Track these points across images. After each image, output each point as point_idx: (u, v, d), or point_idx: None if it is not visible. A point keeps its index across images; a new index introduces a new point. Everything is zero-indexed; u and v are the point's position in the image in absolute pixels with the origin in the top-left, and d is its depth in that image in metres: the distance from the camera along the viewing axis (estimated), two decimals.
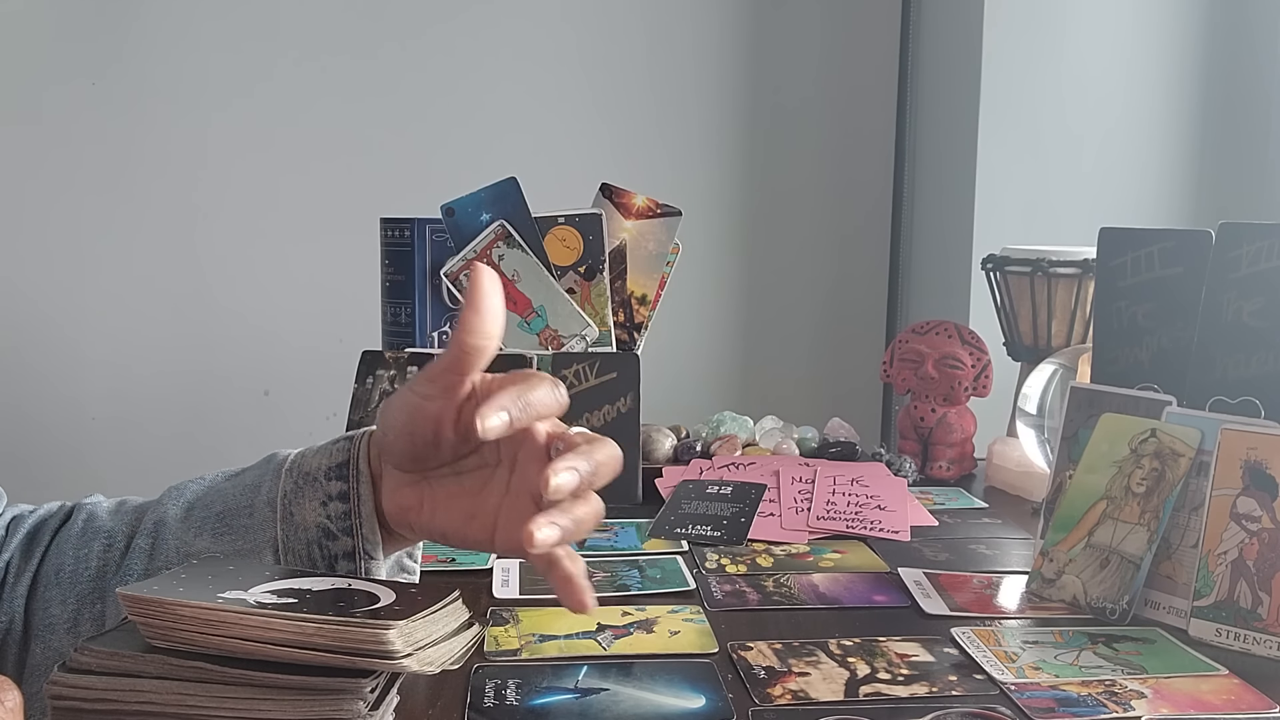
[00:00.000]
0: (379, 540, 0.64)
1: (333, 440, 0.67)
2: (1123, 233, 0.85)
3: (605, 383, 1.03)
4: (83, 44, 1.84)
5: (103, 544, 0.68)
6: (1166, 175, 1.66)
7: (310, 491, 0.65)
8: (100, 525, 0.69)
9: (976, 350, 1.15)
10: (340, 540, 0.64)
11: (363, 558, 0.64)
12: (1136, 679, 0.65)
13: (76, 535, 0.69)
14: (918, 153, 1.92)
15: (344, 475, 0.64)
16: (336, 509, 0.64)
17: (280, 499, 0.65)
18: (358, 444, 0.66)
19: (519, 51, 1.90)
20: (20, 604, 0.67)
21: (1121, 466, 0.78)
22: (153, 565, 0.66)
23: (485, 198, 1.08)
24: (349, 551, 0.64)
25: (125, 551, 0.68)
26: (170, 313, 1.90)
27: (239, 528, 0.66)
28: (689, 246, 1.19)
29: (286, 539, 0.65)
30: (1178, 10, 1.64)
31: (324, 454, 0.66)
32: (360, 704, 0.51)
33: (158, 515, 0.68)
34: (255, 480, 0.67)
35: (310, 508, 0.64)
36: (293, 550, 0.65)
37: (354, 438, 0.66)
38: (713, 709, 0.61)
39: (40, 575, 0.68)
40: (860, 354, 1.98)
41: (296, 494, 0.65)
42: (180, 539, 0.66)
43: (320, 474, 0.65)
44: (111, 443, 1.89)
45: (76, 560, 0.68)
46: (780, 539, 0.93)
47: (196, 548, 0.66)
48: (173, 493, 0.70)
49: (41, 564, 0.69)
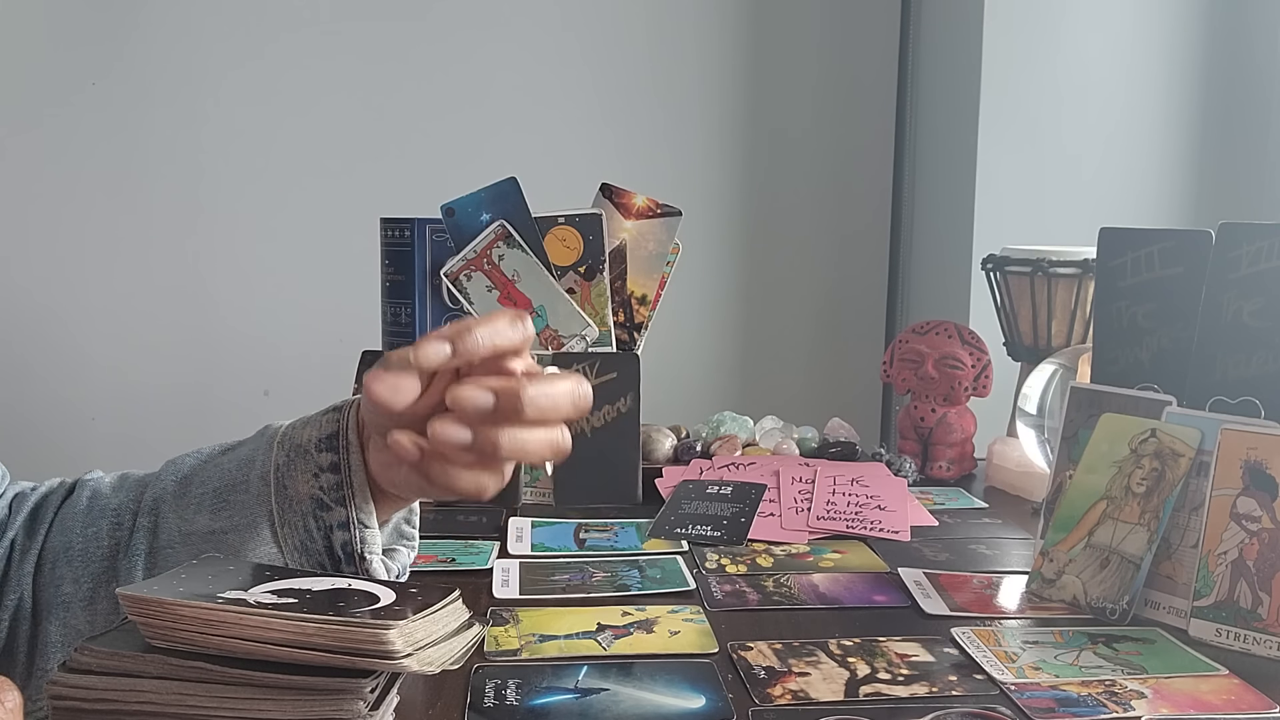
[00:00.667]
0: (372, 509, 0.65)
1: (322, 411, 0.68)
2: (1123, 233, 0.85)
3: (605, 383, 1.03)
4: (83, 45, 1.83)
5: (111, 522, 0.69)
6: (1166, 175, 1.66)
7: (302, 464, 0.65)
8: (106, 503, 0.70)
9: (976, 350, 1.15)
10: (334, 511, 0.64)
11: (357, 527, 0.64)
12: (1136, 679, 0.65)
13: (82, 513, 0.69)
14: (918, 153, 1.92)
15: (334, 446, 0.65)
16: (328, 480, 0.64)
17: (273, 472, 0.66)
18: (346, 414, 0.66)
19: (520, 51, 1.90)
20: (28, 581, 0.68)
21: (1121, 466, 0.78)
22: (156, 543, 0.67)
23: (485, 198, 1.08)
24: (343, 522, 0.64)
25: (132, 530, 0.68)
26: (171, 313, 1.90)
27: (235, 503, 0.66)
28: (689, 246, 1.19)
29: (281, 512, 0.65)
30: (1178, 11, 1.64)
31: (314, 425, 0.66)
32: (360, 704, 0.51)
33: (157, 492, 0.69)
34: (249, 455, 0.68)
35: (303, 480, 0.65)
36: (289, 523, 0.65)
37: (342, 408, 0.67)
38: (713, 709, 0.61)
39: (46, 552, 0.69)
40: (860, 354, 1.98)
41: (289, 467, 0.65)
42: (180, 516, 0.67)
43: (311, 446, 0.65)
44: (112, 443, 1.89)
45: (86, 539, 0.68)
46: (780, 539, 0.93)
47: (196, 525, 0.66)
48: (170, 467, 0.71)
49: (46, 540, 0.69)
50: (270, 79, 1.87)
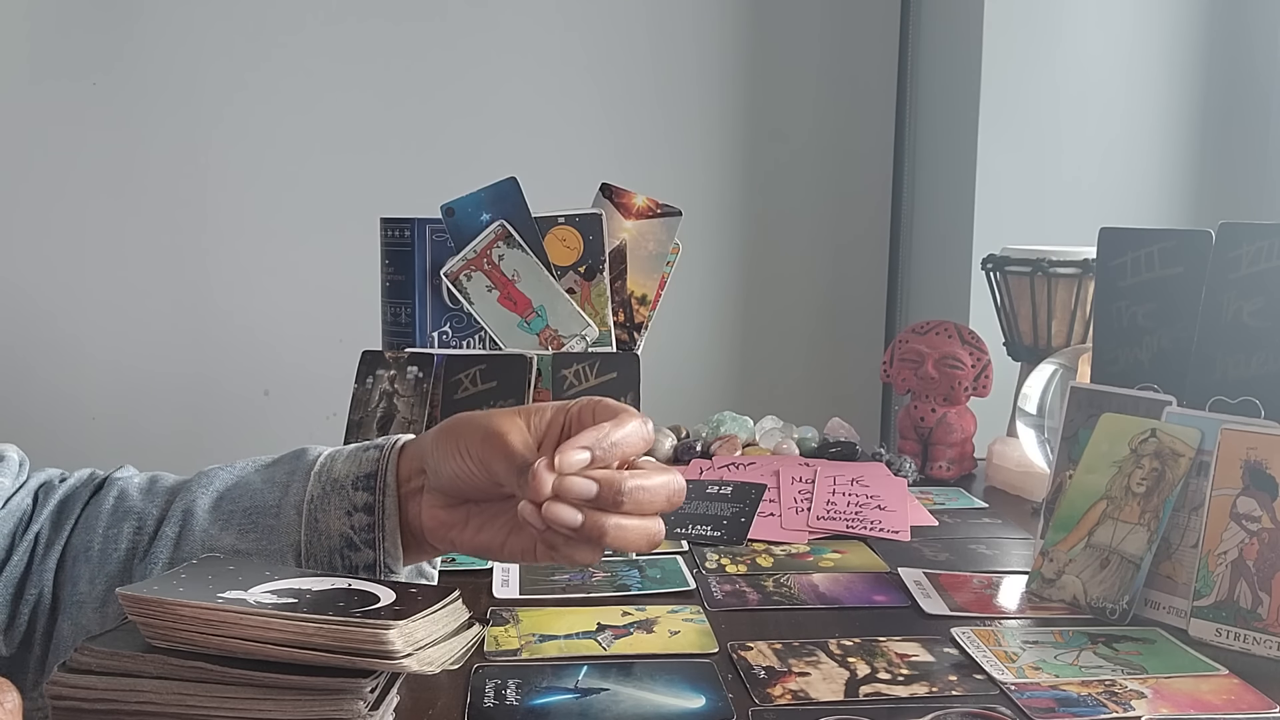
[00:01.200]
0: (400, 555, 0.65)
1: (362, 447, 0.68)
2: (1123, 233, 0.85)
3: (605, 383, 1.03)
4: (84, 44, 1.84)
5: (133, 526, 0.68)
6: (1166, 175, 1.66)
7: (336, 500, 0.65)
8: (131, 506, 0.69)
9: (976, 350, 1.15)
10: (363, 552, 0.64)
11: (383, 570, 0.65)
12: (1136, 679, 0.65)
13: (108, 513, 0.69)
14: (918, 152, 1.92)
15: (370, 487, 0.65)
16: (361, 520, 0.64)
17: (307, 503, 0.65)
18: (387, 455, 0.66)
19: (520, 51, 1.90)
20: (49, 577, 0.67)
21: (1121, 466, 0.78)
22: (178, 555, 0.66)
23: (485, 198, 1.08)
24: (370, 564, 0.65)
25: (154, 537, 0.67)
26: (171, 312, 1.90)
27: (265, 527, 0.66)
28: (689, 246, 1.19)
29: (310, 544, 0.65)
30: (1177, 11, 1.64)
31: (353, 461, 0.66)
32: (360, 704, 0.51)
33: (186, 503, 0.68)
34: (285, 479, 0.67)
35: (335, 516, 0.65)
36: (315, 556, 0.65)
37: (384, 448, 0.66)
38: (713, 709, 0.61)
39: (69, 549, 0.68)
40: (860, 354, 1.98)
41: (323, 500, 0.65)
42: (207, 532, 0.67)
43: (348, 483, 0.65)
44: (112, 442, 1.89)
45: (106, 540, 0.68)
46: (780, 539, 0.93)
47: (222, 543, 0.66)
48: (202, 479, 0.70)
49: (71, 537, 0.68)
50: (270, 78, 1.87)
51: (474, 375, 1.00)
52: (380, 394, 1.01)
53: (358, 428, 1.00)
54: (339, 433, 1.03)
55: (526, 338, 1.07)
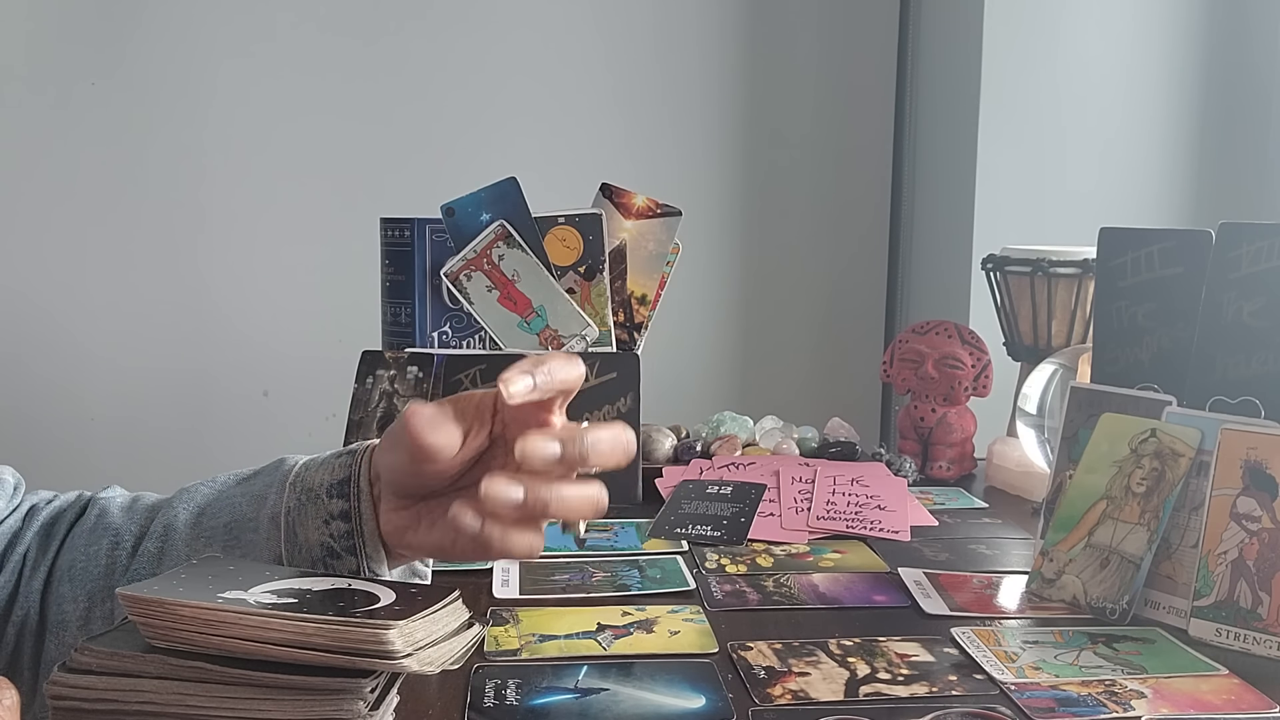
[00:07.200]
0: (383, 558, 0.64)
1: (335, 453, 0.67)
2: (1123, 233, 0.85)
3: (605, 383, 1.03)
4: (84, 45, 1.83)
5: (110, 542, 0.68)
6: (1166, 175, 1.66)
7: (313, 509, 0.64)
8: (110, 522, 0.69)
9: (976, 350, 1.15)
10: (344, 559, 0.64)
11: (368, 575, 0.64)
12: (1136, 679, 0.65)
13: (88, 531, 0.69)
14: (918, 152, 1.92)
15: (345, 493, 0.64)
16: (339, 528, 0.64)
17: (284, 515, 0.65)
18: (359, 459, 0.65)
19: (520, 52, 1.90)
20: (36, 598, 0.67)
21: (1121, 466, 0.78)
22: (159, 570, 0.66)
23: (485, 198, 1.08)
24: (354, 570, 0.64)
25: (133, 553, 0.67)
26: (170, 312, 1.90)
27: (245, 541, 0.66)
28: (689, 246, 1.19)
29: (291, 557, 0.65)
30: (1177, 12, 1.64)
31: (326, 468, 0.66)
32: (360, 704, 0.51)
33: (167, 519, 0.68)
34: (262, 491, 0.67)
35: (313, 526, 0.64)
36: (298, 567, 0.65)
37: (356, 452, 0.66)
38: (713, 709, 0.61)
39: (55, 570, 0.68)
40: (860, 354, 1.98)
41: (299, 511, 0.65)
42: (189, 547, 0.66)
43: (322, 491, 0.65)
44: (112, 443, 1.89)
45: (87, 557, 0.68)
46: (780, 539, 0.93)
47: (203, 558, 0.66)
48: (184, 495, 0.70)
49: (56, 558, 0.68)
50: (271, 78, 1.87)
51: (474, 375, 1.00)
52: (380, 394, 1.01)
53: (358, 428, 1.00)
54: (339, 433, 1.03)
55: (526, 338, 1.07)
